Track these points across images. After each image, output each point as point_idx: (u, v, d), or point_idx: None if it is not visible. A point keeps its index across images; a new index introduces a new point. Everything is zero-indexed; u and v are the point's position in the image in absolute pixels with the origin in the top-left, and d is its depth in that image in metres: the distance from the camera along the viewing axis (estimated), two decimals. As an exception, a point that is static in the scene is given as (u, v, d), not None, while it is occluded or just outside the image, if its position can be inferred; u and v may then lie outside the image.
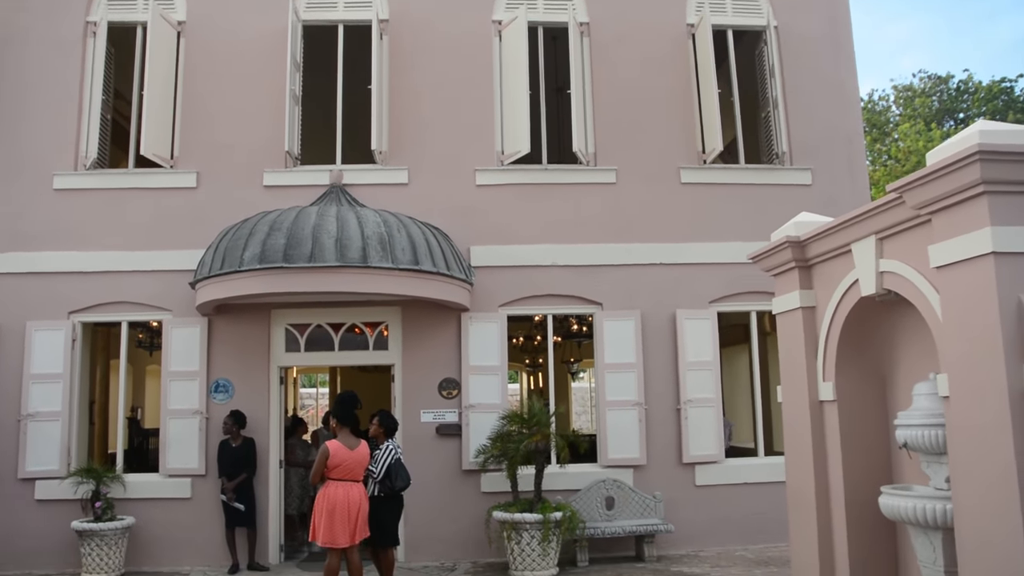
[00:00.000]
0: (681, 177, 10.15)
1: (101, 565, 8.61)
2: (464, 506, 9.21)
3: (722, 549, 9.36)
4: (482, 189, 9.90)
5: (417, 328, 9.53)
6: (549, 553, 8.30)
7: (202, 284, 8.84)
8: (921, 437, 5.20)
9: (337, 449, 7.18)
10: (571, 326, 13.08)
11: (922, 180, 4.65)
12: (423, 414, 9.40)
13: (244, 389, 9.39)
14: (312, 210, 8.77)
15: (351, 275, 8.33)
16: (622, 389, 9.60)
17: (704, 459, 9.61)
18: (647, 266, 9.88)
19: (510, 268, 9.72)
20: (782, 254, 6.59)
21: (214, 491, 9.12)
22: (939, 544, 5.14)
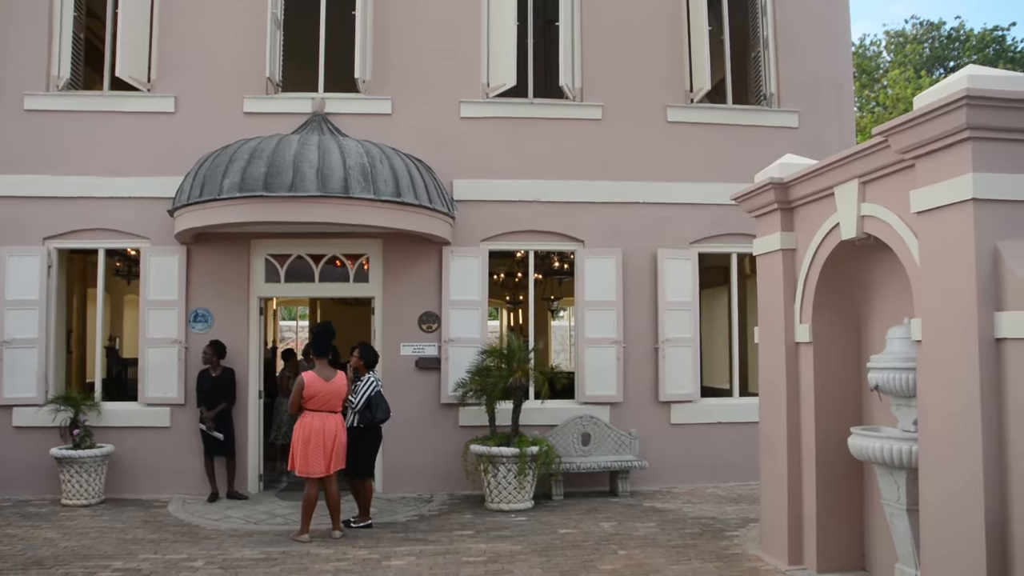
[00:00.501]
0: (668, 115, 10.05)
1: (80, 492, 8.68)
2: (442, 439, 9.32)
3: (694, 486, 9.56)
4: (466, 122, 9.76)
5: (398, 261, 9.50)
6: (525, 486, 8.44)
7: (180, 212, 8.73)
8: (892, 380, 5.29)
9: (312, 380, 7.22)
10: (552, 263, 13.09)
11: (908, 124, 4.63)
12: (403, 347, 9.43)
13: (223, 319, 9.36)
14: (293, 138, 8.63)
15: (332, 205, 8.25)
16: (601, 327, 9.66)
17: (680, 398, 9.74)
18: (630, 204, 9.84)
19: (493, 203, 9.65)
20: (765, 195, 6.59)
21: (193, 420, 9.16)
22: (903, 483, 5.27)
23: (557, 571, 6.24)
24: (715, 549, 6.85)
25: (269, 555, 6.73)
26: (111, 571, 6.28)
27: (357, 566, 6.41)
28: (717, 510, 8.39)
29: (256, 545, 7.06)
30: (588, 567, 6.34)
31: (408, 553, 6.79)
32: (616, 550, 6.84)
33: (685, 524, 7.76)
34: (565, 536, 7.33)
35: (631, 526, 7.70)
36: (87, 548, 6.98)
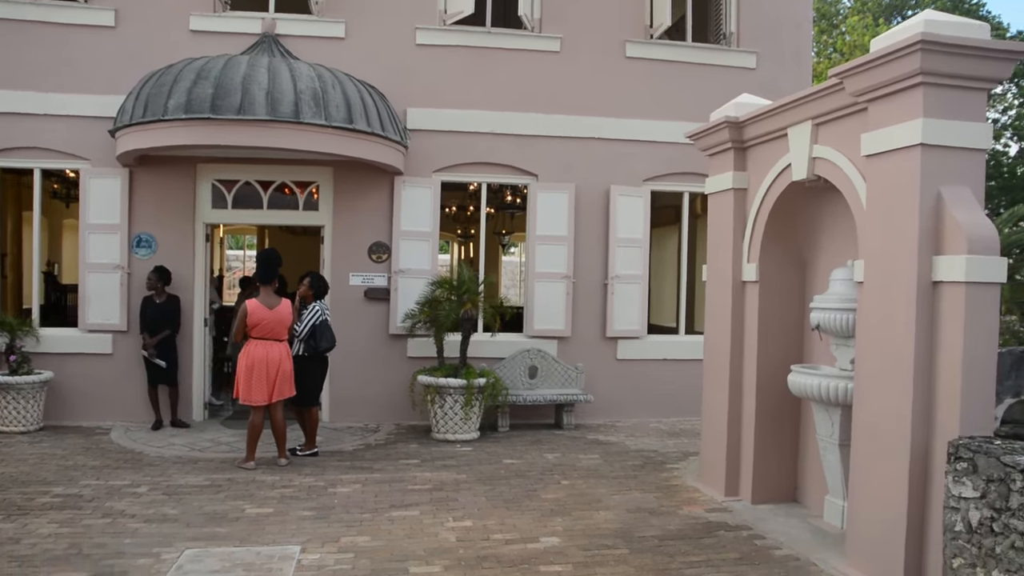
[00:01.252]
0: (626, 51, 9.94)
1: (18, 418, 8.51)
2: (390, 370, 9.34)
3: (638, 420, 9.77)
4: (422, 49, 9.53)
5: (349, 190, 9.34)
6: (471, 418, 8.53)
7: (123, 132, 8.41)
8: (833, 320, 5.43)
9: (256, 308, 7.14)
10: (505, 198, 13.00)
11: (863, 66, 4.65)
12: (352, 277, 9.35)
13: (168, 245, 9.14)
14: (242, 59, 8.33)
15: (282, 130, 8.02)
16: (552, 261, 9.68)
17: (627, 334, 9.87)
18: (586, 140, 9.78)
19: (446, 133, 9.51)
20: (719, 134, 6.60)
21: (135, 347, 9.00)
22: (837, 420, 5.47)
23: (501, 500, 6.36)
24: (655, 480, 7.05)
25: (214, 482, 6.72)
26: (51, 496, 6.22)
27: (303, 492, 6.46)
28: (659, 444, 8.60)
29: (201, 472, 7.05)
30: (531, 496, 6.48)
31: (354, 481, 6.84)
32: (559, 480, 6.99)
33: (627, 456, 7.95)
34: (510, 466, 7.46)
35: (574, 458, 7.86)
36: (25, 474, 6.88)
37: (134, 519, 5.71)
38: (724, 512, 6.14)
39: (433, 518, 5.85)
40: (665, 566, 4.95)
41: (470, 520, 5.82)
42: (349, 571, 4.79)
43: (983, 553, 3.88)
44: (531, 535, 5.51)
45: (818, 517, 5.92)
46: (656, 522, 5.85)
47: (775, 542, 5.45)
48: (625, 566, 4.94)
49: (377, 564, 4.91)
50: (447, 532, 5.54)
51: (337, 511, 5.98)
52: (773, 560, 5.10)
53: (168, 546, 5.16)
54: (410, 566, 4.89)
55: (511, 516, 5.93)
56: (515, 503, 6.27)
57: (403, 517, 5.86)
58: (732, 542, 5.44)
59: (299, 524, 5.66)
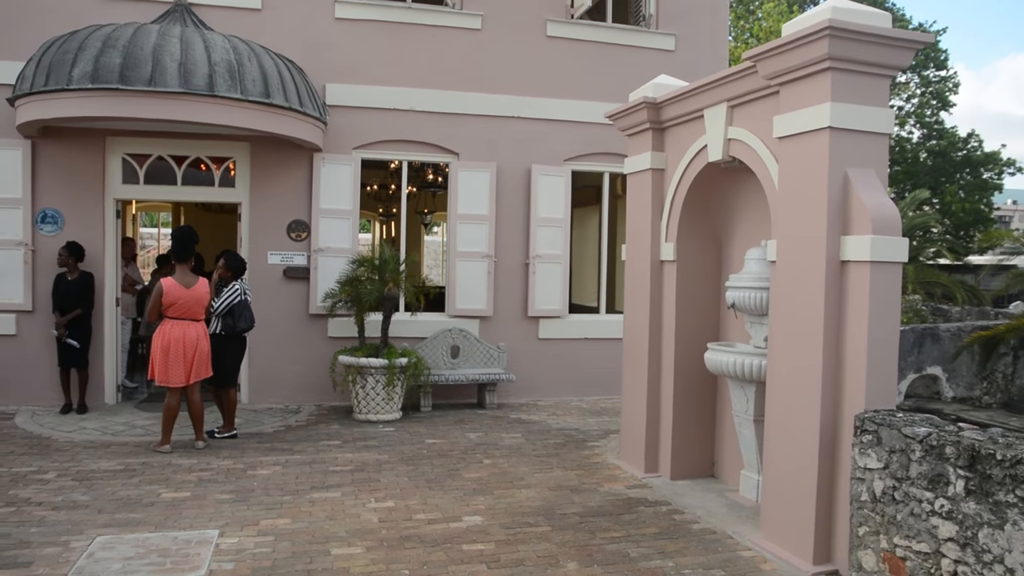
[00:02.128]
0: (547, 30, 9.95)
1: (-86, 399, 8.10)
2: (310, 350, 9.21)
3: (559, 399, 9.90)
4: (341, 23, 9.34)
5: (266, 167, 9.12)
6: (393, 398, 8.50)
7: (23, 101, 8.00)
8: (748, 299, 5.59)
9: (171, 286, 6.94)
10: (427, 176, 12.93)
11: (775, 50, 4.77)
12: (270, 256, 9.15)
13: (75, 221, 8.77)
14: (153, 28, 8.00)
15: (196, 103, 7.76)
16: (473, 241, 9.68)
17: (548, 314, 9.96)
18: (507, 118, 9.78)
19: (367, 110, 9.37)
20: (638, 114, 6.68)
21: (42, 328, 8.64)
22: (752, 396, 5.65)
23: (423, 479, 6.37)
24: (577, 458, 7.16)
25: (128, 466, 6.53)
26: (-49, 484, 5.96)
27: (221, 475, 6.33)
28: (580, 422, 8.73)
29: (114, 456, 6.83)
30: (454, 475, 6.51)
31: (274, 463, 6.74)
32: (482, 459, 7.03)
33: (549, 435, 8.05)
34: (432, 446, 7.47)
35: (497, 436, 7.92)
36: (-77, 460, 6.57)
37: (40, 507, 5.50)
38: (644, 488, 6.28)
39: (355, 499, 5.82)
40: (586, 542, 5.05)
41: (392, 500, 5.81)
42: (269, 554, 4.73)
43: (885, 521, 4.08)
44: (454, 514, 5.53)
45: (734, 491, 6.13)
46: (577, 499, 5.94)
47: (693, 516, 5.61)
48: (547, 543, 5.01)
49: (298, 546, 4.86)
50: (369, 513, 5.52)
51: (256, 494, 5.89)
52: (691, 534, 5.26)
53: (78, 534, 5.00)
54: (332, 547, 4.86)
55: (433, 496, 5.95)
56: (437, 483, 6.29)
57: (324, 499, 5.81)
58: (651, 517, 5.58)
59: (217, 508, 5.55)
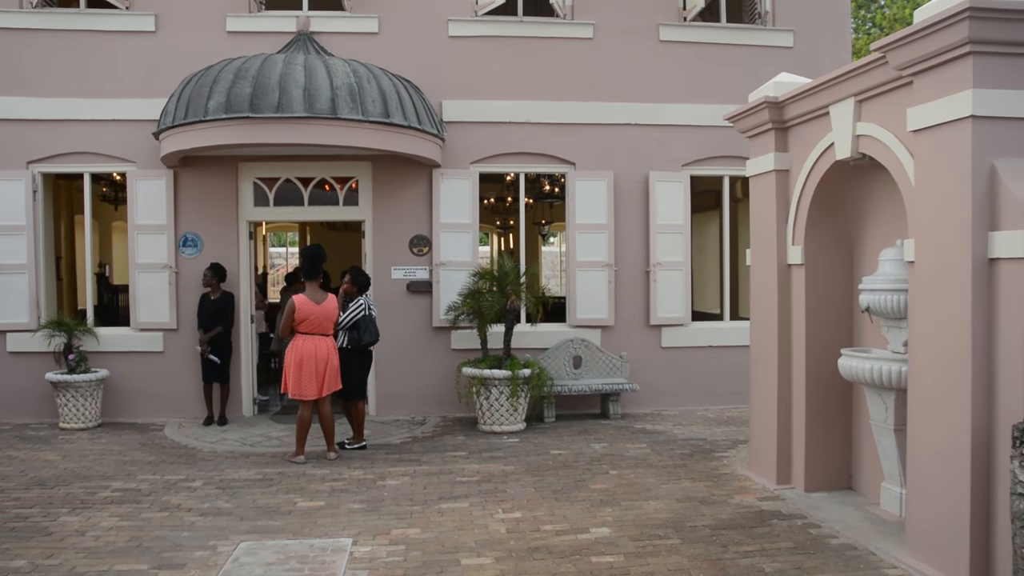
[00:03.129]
0: (660, 35, 9.82)
1: (77, 415, 8.75)
2: (434, 362, 9.38)
3: (684, 409, 9.69)
4: (455, 41, 9.53)
5: (388, 184, 9.38)
6: (517, 408, 8.54)
7: (166, 134, 8.55)
8: (884, 301, 5.32)
9: (303, 303, 7.21)
10: (543, 187, 12.99)
11: (907, 38, 4.53)
12: (394, 271, 9.40)
13: (213, 244, 9.29)
14: (279, 58, 8.40)
15: (320, 127, 8.09)
16: (592, 250, 9.63)
17: (670, 322, 9.79)
18: (622, 126, 9.70)
19: (482, 124, 9.50)
20: (759, 115, 6.49)
21: (187, 345, 9.18)
22: (891, 404, 5.35)
23: (550, 490, 6.35)
24: (705, 469, 6.98)
25: (266, 476, 6.83)
26: (111, 491, 6.38)
27: (352, 485, 6.52)
28: (707, 432, 8.52)
29: (252, 466, 7.16)
30: (580, 486, 6.46)
31: (402, 473, 6.89)
32: (607, 470, 6.96)
33: (675, 445, 7.89)
34: (557, 457, 7.45)
35: (622, 447, 7.83)
36: (86, 469, 7.07)
37: (190, 512, 5.82)
38: (776, 500, 6.06)
39: (482, 510, 5.87)
40: (718, 556, 4.91)
41: (519, 511, 5.82)
42: (401, 563, 4.82)
43: (1048, 537, 3.76)
44: (581, 526, 5.49)
45: (875, 505, 5.80)
46: (707, 511, 5.79)
47: (831, 530, 5.36)
48: (678, 556, 4.90)
49: (428, 556, 4.94)
50: (497, 524, 5.55)
51: (387, 503, 6.03)
52: (829, 549, 5.01)
53: (224, 539, 5.25)
54: (461, 558, 4.91)
55: (560, 507, 5.92)
56: (564, 494, 6.26)
57: (452, 509, 5.89)
58: (786, 531, 5.36)
59: (350, 517, 5.71)
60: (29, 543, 5.20)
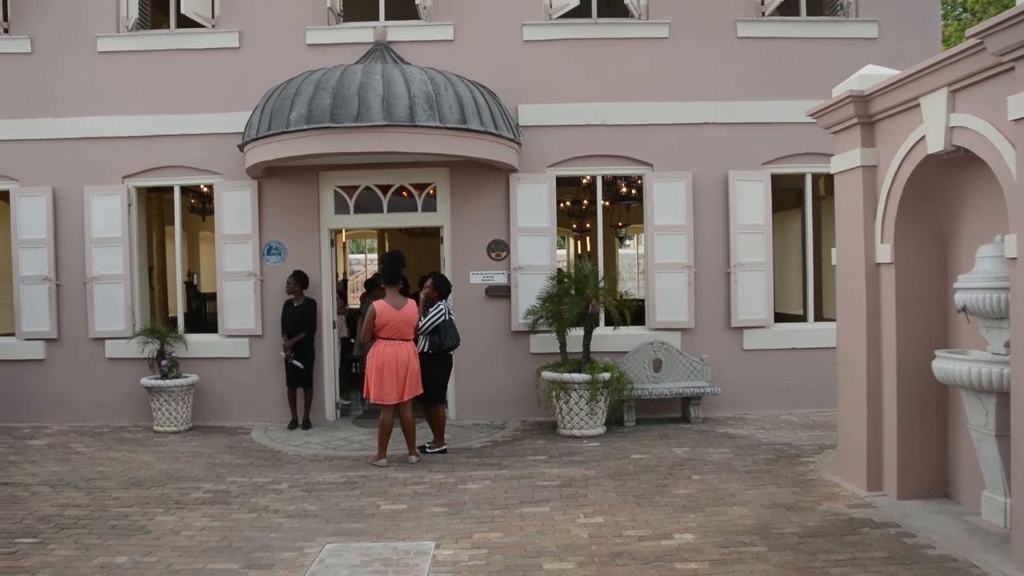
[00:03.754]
0: (738, 31, 9.63)
1: (170, 419, 9.08)
2: (513, 366, 9.40)
3: (767, 412, 9.46)
4: (530, 45, 9.54)
5: (465, 189, 9.46)
6: (597, 412, 8.48)
7: (250, 146, 8.81)
8: (982, 300, 5.08)
9: (384, 308, 7.31)
10: (619, 189, 12.89)
11: (1009, 22, 4.30)
12: (472, 276, 9.46)
13: (296, 251, 9.53)
14: (357, 68, 8.57)
15: (398, 134, 8.21)
16: (671, 251, 9.50)
17: (752, 323, 9.58)
18: (700, 125, 9.55)
19: (559, 127, 9.48)
20: (844, 110, 6.30)
21: (272, 351, 9.43)
22: (992, 408, 5.11)
23: (631, 495, 6.29)
24: (790, 475, 6.80)
25: (349, 479, 6.94)
26: (202, 492, 6.59)
27: (434, 489, 6.58)
28: (792, 436, 8.30)
29: (336, 469, 7.30)
30: (662, 491, 6.37)
31: (483, 477, 6.92)
32: (690, 475, 6.85)
33: (759, 450, 7.71)
34: (638, 461, 7.37)
35: (704, 452, 7.69)
36: (179, 471, 7.33)
37: (277, 514, 5.96)
38: (868, 508, 5.84)
39: (564, 514, 5.84)
40: (807, 564, 4.76)
41: (601, 516, 5.77)
42: (483, 567, 4.84)
43: None
44: (664, 531, 5.41)
45: (975, 515, 5.51)
46: (795, 518, 5.63)
47: (927, 540, 5.12)
48: (765, 564, 4.78)
49: (511, 560, 4.94)
50: (579, 528, 5.51)
51: (468, 507, 6.06)
52: (926, 560, 4.79)
53: (310, 540, 5.36)
54: (544, 562, 4.89)
55: (643, 512, 5.85)
56: (646, 499, 6.18)
57: (534, 513, 5.88)
58: (879, 540, 5.17)
59: (432, 520, 5.76)
60: (130, 540, 5.42)
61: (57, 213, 9.60)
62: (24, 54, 9.63)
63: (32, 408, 9.60)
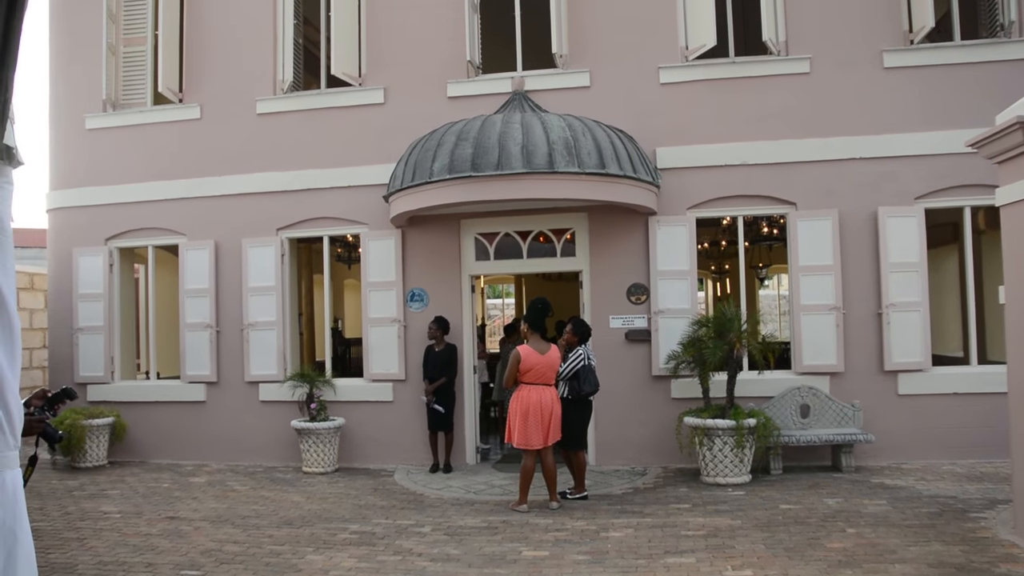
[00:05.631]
0: (884, 61, 9.25)
1: (318, 460, 9.44)
2: (654, 411, 9.23)
3: (927, 462, 8.85)
4: (666, 87, 9.52)
5: (604, 233, 9.47)
6: (742, 460, 8.19)
7: (395, 197, 9.18)
8: None
9: (528, 353, 7.36)
10: (760, 229, 12.55)
11: None
12: (612, 320, 9.41)
13: (437, 297, 9.79)
14: (497, 118, 8.81)
15: (538, 181, 8.35)
16: (818, 293, 9.14)
17: (908, 367, 9.03)
18: (845, 161, 9.20)
19: (697, 169, 9.37)
20: (1012, 137, 5.91)
21: (414, 395, 9.67)
22: None
23: (781, 548, 6.00)
24: (958, 531, 6.30)
25: (490, 524, 6.97)
26: (349, 532, 6.79)
27: (576, 536, 6.51)
28: (956, 488, 7.72)
29: (477, 514, 7.34)
30: (814, 544, 6.05)
31: (625, 525, 6.79)
32: (844, 528, 6.48)
33: (920, 503, 7.21)
34: (787, 512, 7.04)
35: (858, 503, 7.27)
36: (327, 511, 7.58)
37: (421, 557, 6.05)
38: (1052, 569, 5.35)
39: (710, 566, 5.64)
40: (985, 629, 4.39)
41: (750, 569, 5.54)
42: (630, 618, 4.72)
43: None
44: (821, 587, 5.13)
45: None
46: (967, 578, 5.22)
47: (1124, 607, 4.65)
48: (935, 626, 4.44)
49: (658, 612, 4.80)
50: (728, 581, 5.31)
51: (611, 556, 5.95)
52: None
53: (455, 586, 5.40)
54: (693, 615, 4.73)
55: (794, 566, 5.57)
56: (797, 552, 5.89)
57: (679, 564, 5.70)
58: (1067, 605, 4.72)
59: (575, 568, 5.69)
60: (283, 579, 5.63)
61: (218, 264, 10.30)
62: (194, 120, 10.49)
63: (194, 447, 10.25)
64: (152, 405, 10.46)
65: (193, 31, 10.62)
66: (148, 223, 10.61)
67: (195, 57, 10.60)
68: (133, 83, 10.86)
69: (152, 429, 10.40)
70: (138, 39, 10.81)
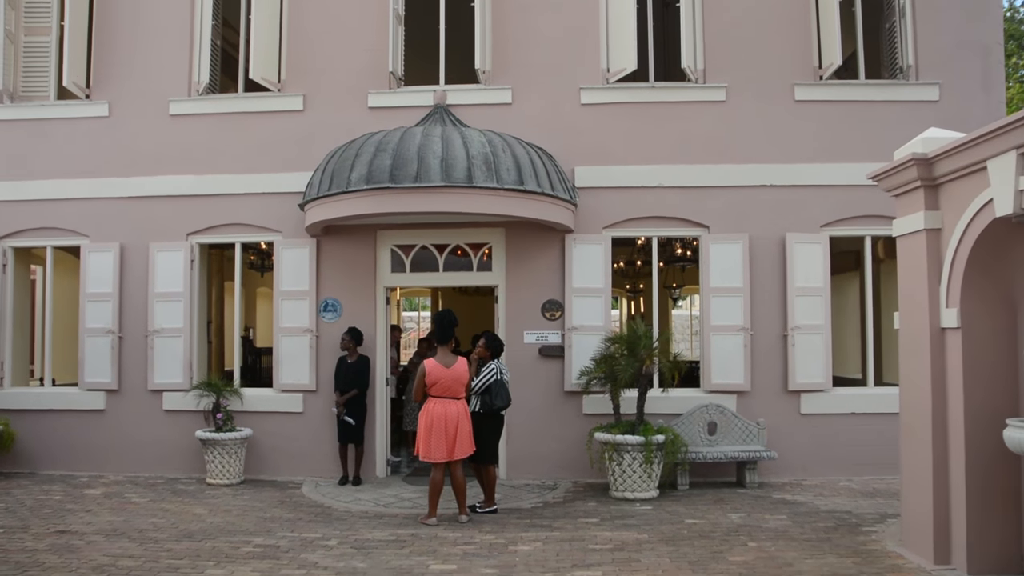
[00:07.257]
0: (795, 94, 9.64)
1: (223, 472, 9.16)
2: (566, 427, 9.30)
3: (826, 479, 9.18)
4: (587, 108, 9.67)
5: (520, 249, 9.53)
6: (650, 475, 8.33)
7: (311, 205, 9.04)
8: (1056, 367, 4.91)
9: (434, 367, 7.34)
10: (674, 250, 12.86)
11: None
12: (526, 335, 9.46)
13: (352, 308, 9.65)
14: (417, 131, 8.78)
15: (456, 195, 8.35)
16: (727, 314, 9.40)
17: (810, 387, 9.36)
18: (757, 188, 9.52)
19: (615, 189, 9.53)
20: (906, 172, 6.23)
21: (325, 406, 9.50)
22: (1070, 479, 4.89)
23: (685, 561, 6.12)
24: (852, 544, 6.55)
25: (399, 537, 6.89)
26: (253, 546, 6.60)
27: (484, 550, 6.49)
28: (852, 504, 8.03)
29: (386, 527, 7.25)
30: (717, 558, 6.19)
31: (534, 539, 6.81)
32: (746, 542, 6.65)
33: (818, 517, 7.47)
34: (692, 526, 7.19)
35: (760, 518, 7.48)
36: (230, 524, 7.36)
37: (326, 571, 5.93)
38: (936, 581, 5.61)
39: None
40: (874, 639, 4.56)
41: (655, 582, 5.63)
42: (536, 632, 4.73)
43: None
44: (722, 600, 5.24)
45: (1052, 590, 5.28)
46: (859, 590, 5.42)
47: (1001, 617, 4.90)
48: (828, 637, 4.59)
49: (563, 625, 4.82)
50: (632, 594, 5.37)
51: (519, 569, 5.96)
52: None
53: (360, 600, 5.31)
54: (597, 629, 4.77)
55: (698, 579, 5.69)
56: (701, 565, 6.01)
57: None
58: (950, 615, 4.95)
59: (483, 582, 5.68)
60: (180, 594, 5.42)
61: (123, 268, 9.92)
62: (102, 118, 10.10)
63: (90, 457, 9.81)
64: (46, 413, 9.94)
65: (103, 24, 10.22)
66: (47, 222, 10.12)
67: (105, 52, 10.21)
68: (35, 75, 10.38)
69: (45, 438, 9.90)
70: (42, 28, 10.34)
